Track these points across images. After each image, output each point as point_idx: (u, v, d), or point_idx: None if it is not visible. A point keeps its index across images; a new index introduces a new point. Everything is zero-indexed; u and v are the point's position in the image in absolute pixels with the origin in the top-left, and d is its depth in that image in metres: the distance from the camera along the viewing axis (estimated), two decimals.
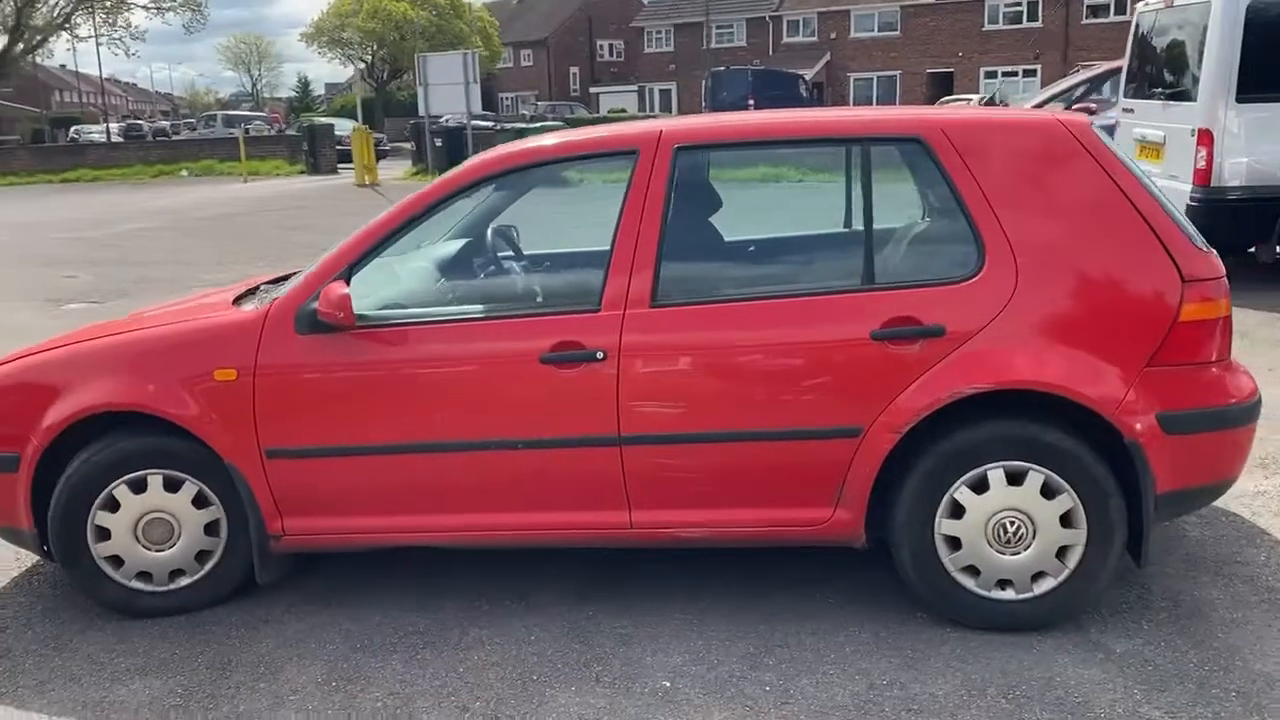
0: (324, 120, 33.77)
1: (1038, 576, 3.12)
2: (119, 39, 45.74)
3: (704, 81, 37.57)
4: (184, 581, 3.50)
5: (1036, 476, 3.06)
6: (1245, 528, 3.86)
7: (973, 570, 3.14)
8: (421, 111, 23.04)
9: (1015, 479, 3.07)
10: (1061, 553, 3.10)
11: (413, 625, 3.38)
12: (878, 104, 41.94)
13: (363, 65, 55.24)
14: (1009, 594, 3.14)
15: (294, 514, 3.39)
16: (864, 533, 3.19)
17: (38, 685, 3.12)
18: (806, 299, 3.16)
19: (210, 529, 3.47)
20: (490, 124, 29.41)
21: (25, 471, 3.41)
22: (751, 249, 3.63)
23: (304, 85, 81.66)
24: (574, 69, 57.19)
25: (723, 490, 3.22)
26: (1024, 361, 3.03)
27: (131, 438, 3.39)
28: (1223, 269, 3.13)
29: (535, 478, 3.26)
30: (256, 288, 3.84)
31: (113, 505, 3.40)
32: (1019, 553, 3.11)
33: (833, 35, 44.20)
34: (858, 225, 3.22)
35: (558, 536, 3.33)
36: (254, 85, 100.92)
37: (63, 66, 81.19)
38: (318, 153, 26.05)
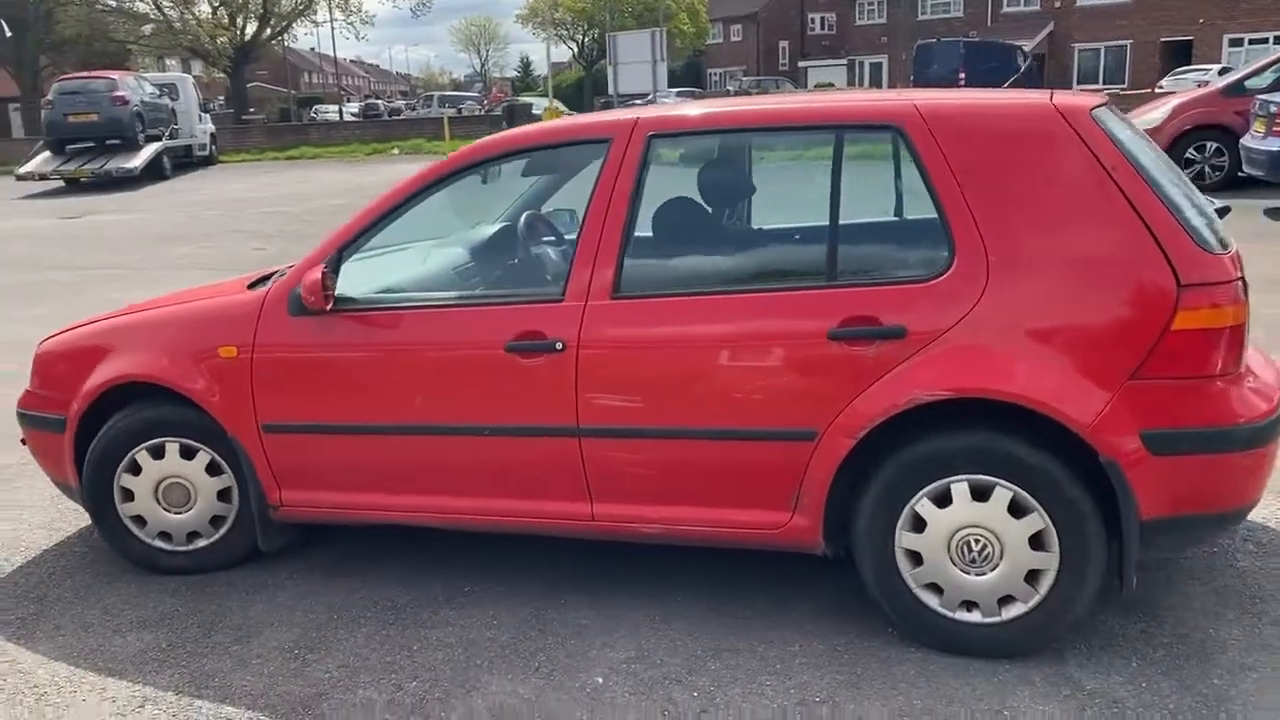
0: (525, 99, 34.75)
1: (1006, 600, 2.90)
2: (351, 23, 48.37)
3: (911, 54, 36.33)
4: (200, 543, 3.73)
5: (1004, 493, 2.83)
6: None
7: (936, 588, 2.95)
8: (611, 90, 23.37)
9: (981, 494, 2.85)
10: (1032, 577, 2.86)
11: (392, 601, 3.49)
12: (1104, 77, 39.31)
13: (574, 46, 56.49)
14: (975, 616, 2.93)
15: (290, 486, 3.55)
16: (822, 541, 3.05)
17: (53, 629, 3.42)
18: (766, 294, 3.03)
19: (223, 496, 3.69)
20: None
21: (70, 433, 3.73)
22: (718, 241, 3.49)
23: (525, 65, 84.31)
24: (783, 43, 56.42)
25: (680, 488, 3.14)
26: (987, 369, 2.80)
27: (152, 407, 3.64)
28: (1235, 272, 2.77)
29: (501, 464, 3.29)
30: (275, 272, 4.03)
31: (135, 469, 3.67)
32: (985, 573, 2.89)
33: (1057, 3, 41.66)
34: (826, 218, 3.05)
35: (522, 524, 3.35)
36: (483, 66, 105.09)
37: (312, 50, 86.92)
38: None
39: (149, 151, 21.79)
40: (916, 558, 2.94)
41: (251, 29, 45.20)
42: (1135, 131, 3.27)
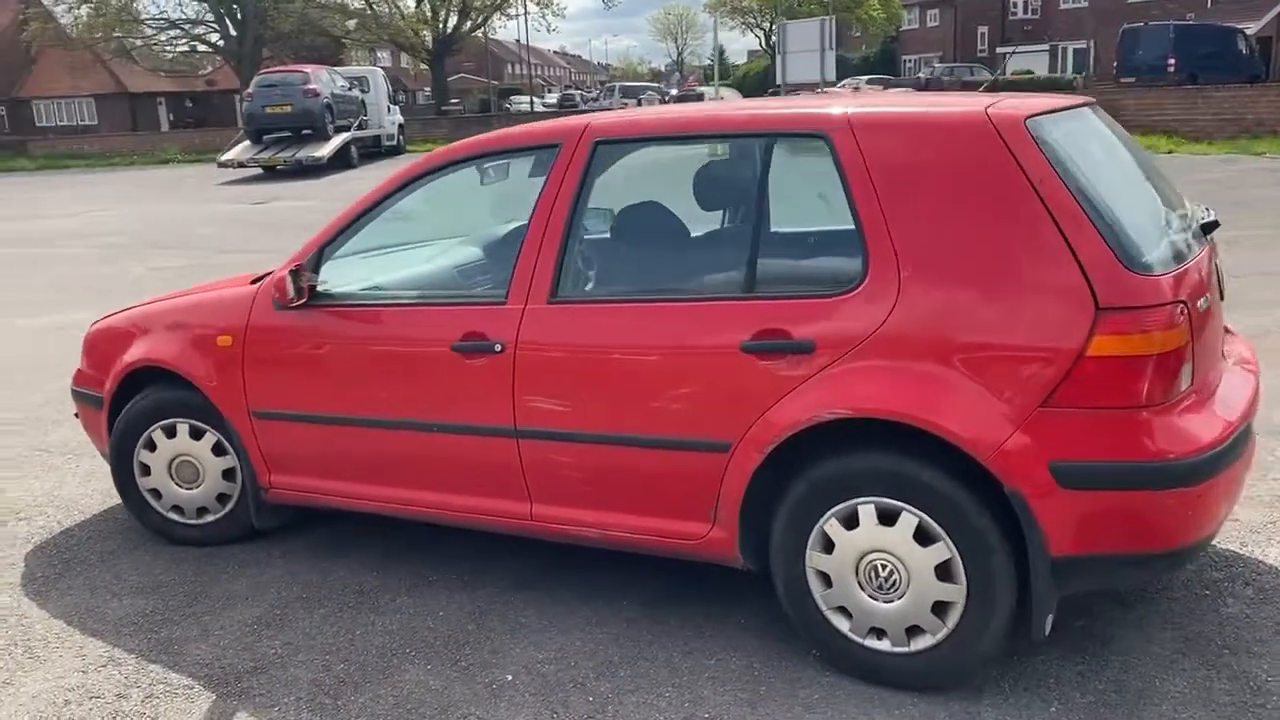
0: (702, 89, 34.77)
1: (914, 630, 2.78)
2: (544, 16, 49.70)
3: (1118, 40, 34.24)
4: (209, 518, 4.01)
5: (910, 518, 2.71)
6: None
7: (846, 612, 2.86)
8: (778, 79, 23.12)
9: (888, 518, 2.74)
10: (940, 608, 2.73)
11: (360, 585, 3.65)
12: None
13: (760, 34, 56.08)
14: (884, 645, 2.82)
15: (278, 470, 3.77)
16: (740, 555, 3.00)
17: (66, 589, 3.76)
18: (687, 304, 3.00)
19: (228, 475, 3.95)
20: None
21: (105, 409, 4.08)
22: (649, 248, 3.45)
23: (720, 54, 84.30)
24: (982, 28, 54.12)
25: (608, 493, 3.15)
26: (887, 387, 2.68)
27: (167, 389, 3.93)
28: (1170, 295, 2.55)
29: (448, 460, 3.39)
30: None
31: (152, 446, 3.98)
32: (892, 600, 2.78)
33: None
34: (765, 226, 2.98)
35: (469, 520, 3.43)
36: (679, 55, 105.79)
37: (516, 41, 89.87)
38: None
39: (337, 141, 23.09)
40: (827, 579, 2.86)
41: (453, 22, 47.12)
42: (1107, 138, 3.07)
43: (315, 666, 3.14)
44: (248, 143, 23.62)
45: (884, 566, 2.77)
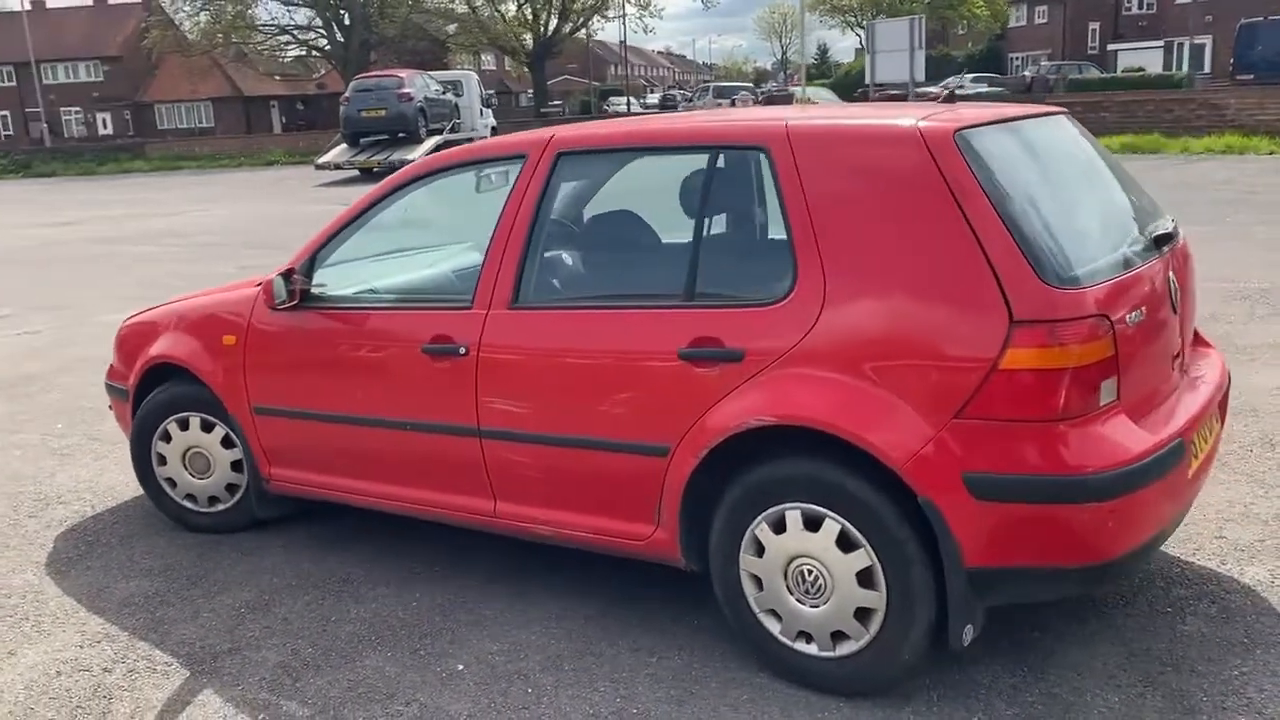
0: (793, 89, 34.52)
1: (839, 636, 2.81)
2: (641, 18, 50.03)
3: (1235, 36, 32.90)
4: (219, 507, 4.25)
5: (833, 525, 2.75)
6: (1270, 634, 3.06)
7: (777, 615, 2.91)
8: (867, 79, 22.89)
9: (813, 524, 2.79)
10: (862, 615, 2.76)
11: (348, 575, 3.83)
12: None
13: (861, 32, 55.32)
14: (812, 648, 2.87)
15: (277, 464, 3.98)
16: (681, 556, 3.07)
17: (84, 569, 4.02)
18: (633, 311, 3.09)
19: (236, 466, 4.17)
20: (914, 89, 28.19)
21: (130, 402, 4.35)
22: (604, 256, 3.53)
23: (822, 53, 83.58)
24: (1093, 24, 52.57)
25: (562, 493, 3.26)
26: (809, 396, 2.73)
27: (180, 385, 4.18)
28: (1087, 308, 2.54)
29: (421, 458, 3.54)
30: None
31: (167, 437, 4.23)
32: (818, 605, 2.82)
33: None
34: (705, 236, 3.05)
35: (442, 515, 3.58)
36: (784, 54, 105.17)
37: (622, 42, 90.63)
38: None
39: (429, 144, 23.69)
40: (759, 582, 2.92)
41: (553, 24, 47.80)
42: (1069, 148, 3.06)
43: (285, 650, 3.32)
44: (345, 146, 24.41)
45: (810, 571, 2.81)
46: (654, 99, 58.66)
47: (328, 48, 44.13)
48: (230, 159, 33.91)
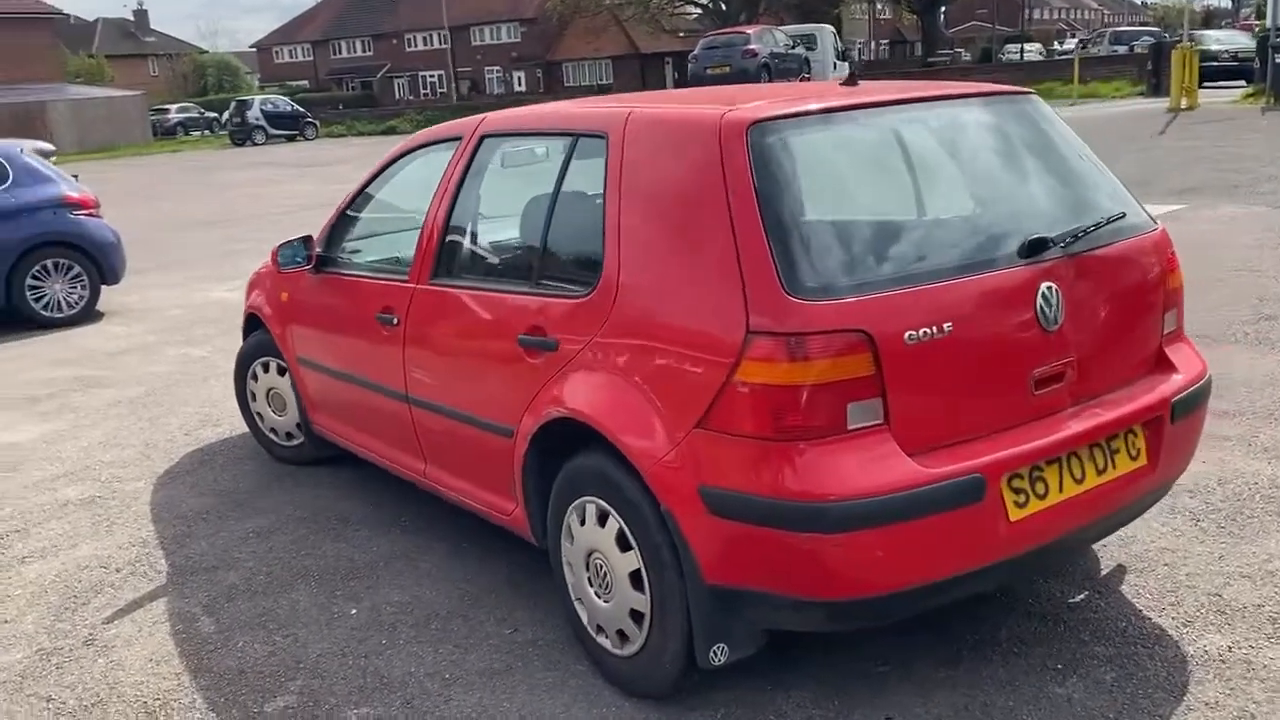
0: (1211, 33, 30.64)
1: (622, 635, 2.77)
2: None
3: None
4: (294, 442, 4.82)
5: (614, 523, 2.71)
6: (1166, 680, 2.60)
7: (584, 604, 2.91)
8: (1268, 19, 19.93)
9: (603, 519, 2.75)
10: (637, 617, 2.70)
11: (350, 516, 4.22)
12: None
13: None
14: (606, 642, 2.84)
15: (314, 410, 4.46)
16: (533, 535, 3.14)
17: (181, 482, 4.74)
18: (494, 294, 3.16)
19: None
20: None
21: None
22: (490, 239, 3.50)
23: None
24: None
25: (459, 462, 3.42)
26: (590, 392, 2.69)
27: (264, 332, 4.77)
28: (834, 322, 2.29)
29: (385, 417, 3.83)
30: None
31: (255, 377, 4.86)
32: (608, 601, 2.79)
33: None
34: (554, 224, 3.04)
35: (398, 470, 3.86)
36: None
37: None
38: (1160, 72, 24.09)
39: None
40: (572, 569, 2.93)
41: None
42: (960, 139, 2.76)
43: (246, 573, 3.78)
44: None
45: (600, 566, 2.79)
46: (1070, 44, 54.15)
47: (708, 4, 45.19)
48: None
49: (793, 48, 25.44)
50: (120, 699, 3.02)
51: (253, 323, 4.87)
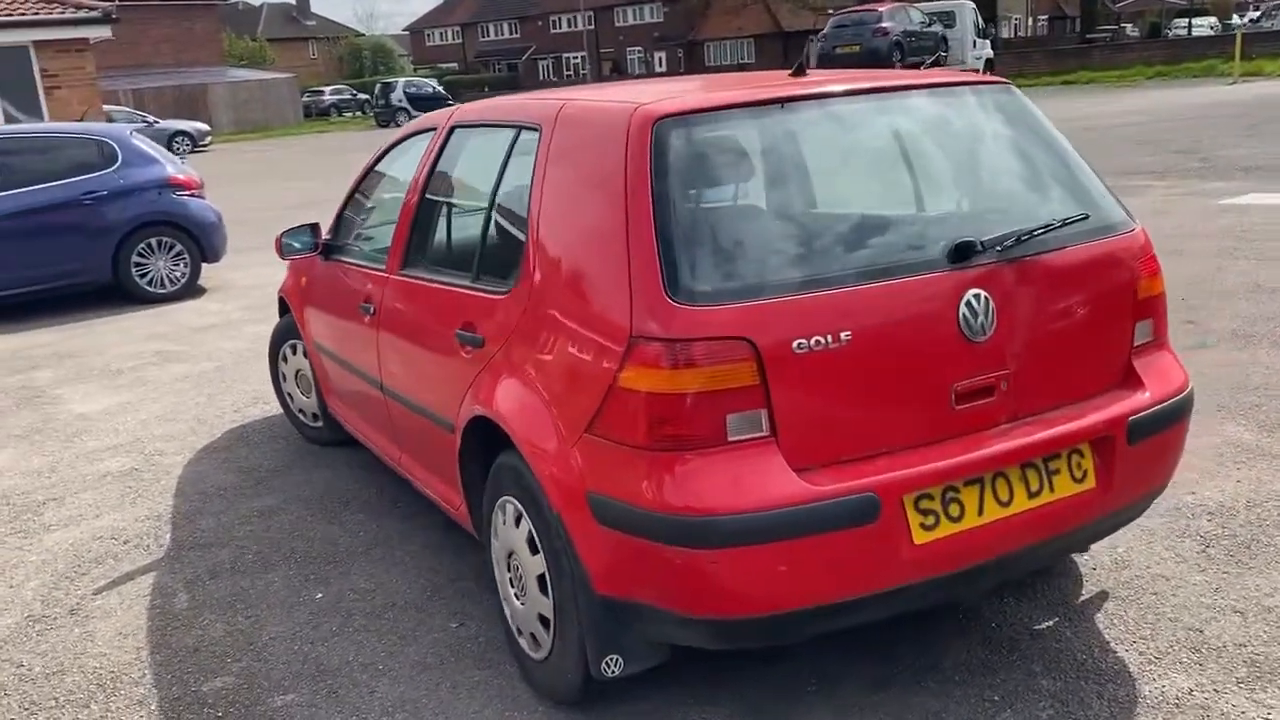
0: None
1: (535, 638, 2.72)
2: None
3: None
4: (318, 423, 4.94)
5: (526, 524, 2.66)
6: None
7: (508, 602, 2.88)
8: None
9: (519, 520, 2.71)
10: (544, 622, 2.65)
11: (350, 499, 4.29)
12: None
13: None
14: (525, 645, 2.80)
15: (327, 392, 4.56)
16: (475, 529, 3.12)
17: (214, 458, 4.92)
18: (443, 288, 3.14)
19: None
20: None
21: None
22: (450, 230, 3.41)
23: None
24: None
25: (421, 453, 3.43)
26: (501, 390, 2.64)
27: (291, 315, 4.90)
28: (714, 329, 2.17)
29: (367, 401, 3.88)
30: None
31: (285, 359, 4.99)
32: (524, 603, 2.75)
33: None
34: (493, 218, 3.00)
35: (382, 456, 3.90)
36: None
37: None
38: None
39: None
40: (499, 567, 2.89)
41: None
42: (898, 135, 2.61)
43: (237, 551, 3.89)
44: None
45: (517, 567, 2.75)
46: (1252, 15, 50.54)
47: None
48: None
49: (929, 25, 24.59)
50: (80, 670, 3.15)
51: (285, 305, 5.01)
